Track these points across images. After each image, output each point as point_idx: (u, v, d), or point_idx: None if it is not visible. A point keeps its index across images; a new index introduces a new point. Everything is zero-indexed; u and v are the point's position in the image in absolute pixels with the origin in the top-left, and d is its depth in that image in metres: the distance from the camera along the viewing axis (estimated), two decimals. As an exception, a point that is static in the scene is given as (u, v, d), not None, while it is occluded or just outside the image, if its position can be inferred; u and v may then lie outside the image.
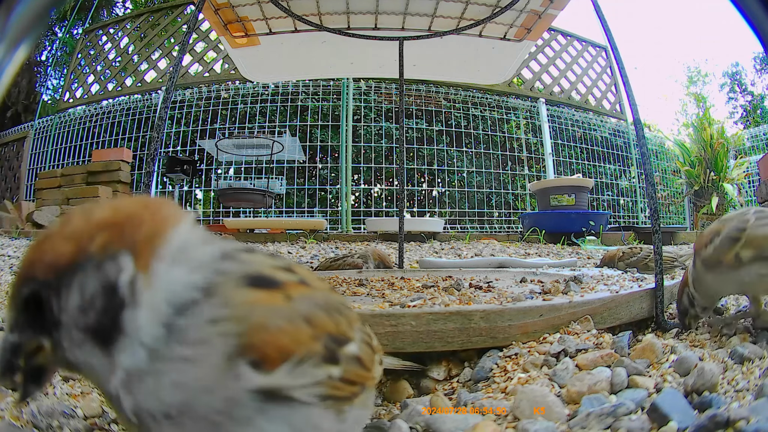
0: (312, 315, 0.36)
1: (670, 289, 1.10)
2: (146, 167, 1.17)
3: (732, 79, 15.41)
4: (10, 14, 0.40)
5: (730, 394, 0.59)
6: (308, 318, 0.36)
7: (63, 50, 10.28)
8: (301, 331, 0.35)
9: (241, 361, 0.32)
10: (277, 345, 0.33)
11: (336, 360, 0.37)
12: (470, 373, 0.75)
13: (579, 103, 7.00)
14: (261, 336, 0.33)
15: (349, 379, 0.38)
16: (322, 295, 0.40)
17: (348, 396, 0.38)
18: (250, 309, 0.33)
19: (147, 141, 6.23)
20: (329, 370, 0.36)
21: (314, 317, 0.36)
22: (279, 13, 1.79)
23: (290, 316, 0.35)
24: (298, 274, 0.39)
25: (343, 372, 0.37)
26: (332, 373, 0.36)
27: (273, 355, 0.33)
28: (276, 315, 0.34)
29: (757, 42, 0.49)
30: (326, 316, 0.38)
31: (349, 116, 6.18)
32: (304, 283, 0.38)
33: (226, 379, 0.32)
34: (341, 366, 0.37)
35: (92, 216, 0.34)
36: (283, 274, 0.38)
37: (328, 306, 0.39)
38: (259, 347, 0.32)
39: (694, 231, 5.40)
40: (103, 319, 0.32)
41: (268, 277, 0.36)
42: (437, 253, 3.31)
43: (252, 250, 0.40)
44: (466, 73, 2.46)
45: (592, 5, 1.21)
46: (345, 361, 0.38)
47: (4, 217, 4.98)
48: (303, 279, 0.39)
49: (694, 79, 16.62)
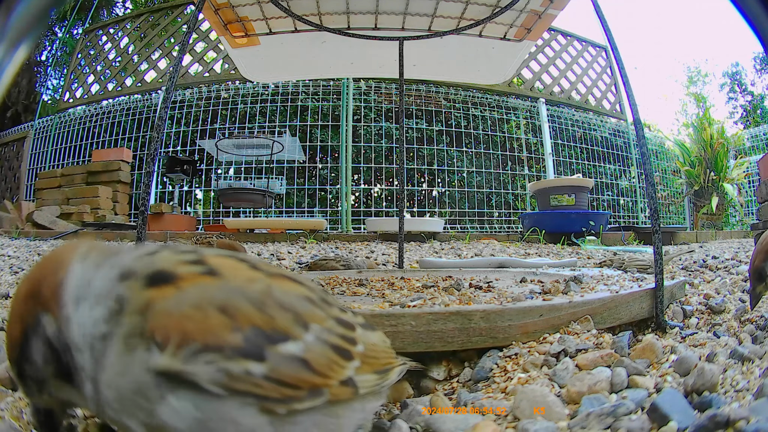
0: (230, 305, 0.36)
1: (670, 289, 1.10)
2: (146, 167, 1.17)
3: (732, 79, 15.42)
4: (10, 14, 0.40)
5: (730, 394, 0.59)
6: (223, 308, 0.36)
7: (63, 50, 10.28)
8: (209, 317, 0.35)
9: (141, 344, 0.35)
10: (178, 328, 0.34)
11: (260, 356, 0.36)
12: (470, 373, 0.75)
13: (579, 103, 7.00)
14: (161, 320, 0.35)
15: (281, 380, 0.36)
16: (256, 286, 0.39)
17: (280, 398, 0.36)
18: (150, 301, 0.36)
19: (147, 141, 6.23)
20: (247, 365, 0.35)
21: (232, 308, 0.36)
22: (279, 13, 1.79)
23: (197, 303, 0.36)
24: (209, 266, 0.39)
25: (269, 370, 0.36)
26: (252, 369, 0.35)
27: (173, 336, 0.34)
28: (180, 302, 0.36)
29: (757, 42, 0.49)
30: (253, 309, 0.37)
31: (349, 116, 6.18)
32: (213, 274, 0.39)
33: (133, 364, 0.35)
34: (267, 364, 0.36)
35: (19, 293, 0.40)
36: (186, 267, 0.39)
37: (262, 299, 0.38)
38: (158, 330, 0.35)
39: (694, 231, 5.40)
40: (59, 364, 0.38)
41: (166, 272, 0.38)
42: (437, 253, 3.31)
43: (155, 251, 0.42)
44: (466, 73, 2.46)
45: (592, 5, 1.21)
46: (276, 359, 0.36)
47: (4, 217, 4.98)
48: (212, 270, 0.39)
49: (694, 79, 16.63)
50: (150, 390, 0.35)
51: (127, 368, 0.35)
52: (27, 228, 4.60)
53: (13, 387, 0.67)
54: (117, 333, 0.36)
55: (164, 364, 0.34)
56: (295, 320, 0.39)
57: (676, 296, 1.17)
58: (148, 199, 1.19)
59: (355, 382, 0.42)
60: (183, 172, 5.55)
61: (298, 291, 0.42)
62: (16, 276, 1.75)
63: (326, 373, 0.39)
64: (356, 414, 0.44)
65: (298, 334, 0.38)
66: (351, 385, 0.42)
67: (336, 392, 0.40)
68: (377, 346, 0.49)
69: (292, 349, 0.37)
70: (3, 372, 0.68)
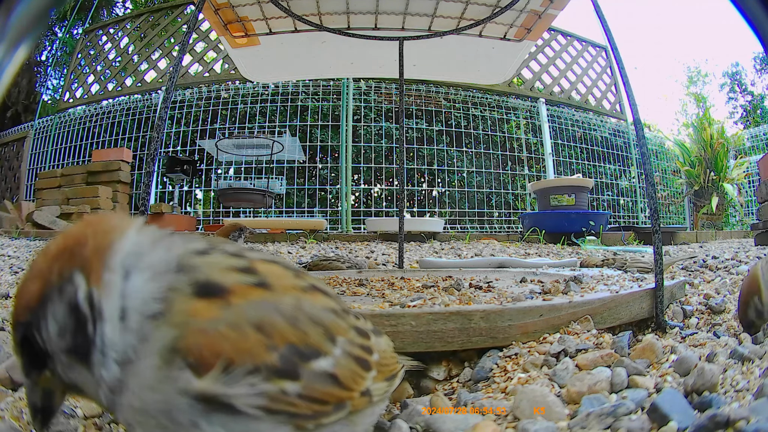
0: (266, 323, 0.35)
1: (670, 289, 1.10)
2: (146, 167, 1.17)
3: (732, 79, 15.42)
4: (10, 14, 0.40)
5: (730, 394, 0.59)
6: (260, 326, 0.34)
7: (63, 50, 10.28)
8: (248, 338, 0.34)
9: (180, 363, 0.32)
10: (215, 350, 0.33)
11: (295, 375, 0.35)
12: (470, 373, 0.75)
13: (579, 103, 7.00)
14: (198, 339, 0.33)
15: (313, 397, 0.36)
16: (290, 300, 0.38)
17: (311, 415, 0.36)
18: (194, 314, 0.34)
19: (147, 141, 6.23)
20: (283, 385, 0.34)
21: (269, 325, 0.35)
22: (279, 13, 1.79)
23: (235, 322, 0.34)
24: (259, 276, 0.37)
25: (303, 388, 0.35)
26: (287, 388, 0.34)
27: (209, 359, 0.32)
28: (218, 321, 0.33)
29: (757, 42, 0.49)
30: (288, 326, 0.36)
31: (349, 116, 6.18)
32: (264, 286, 0.37)
33: (168, 382, 0.32)
34: (301, 382, 0.35)
35: (48, 249, 0.36)
36: (236, 277, 0.36)
37: (296, 314, 0.37)
38: (196, 350, 0.32)
39: (694, 231, 5.40)
40: (77, 337, 0.34)
41: (216, 284, 0.36)
42: (437, 253, 3.31)
43: (206, 250, 0.39)
44: (466, 73, 2.46)
45: (592, 5, 1.21)
46: (309, 377, 0.36)
47: (4, 217, 4.98)
48: (263, 282, 0.37)
49: (694, 79, 16.62)
50: (180, 413, 0.33)
51: (158, 383, 0.33)
52: (27, 228, 4.60)
53: (13, 387, 0.67)
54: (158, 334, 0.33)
55: (201, 387, 0.32)
56: (325, 335, 0.38)
57: (676, 296, 1.17)
58: (148, 199, 1.19)
59: (371, 392, 0.42)
60: (183, 172, 5.55)
61: (325, 303, 0.41)
62: (16, 276, 1.75)
63: (351, 386, 0.39)
64: (368, 419, 0.45)
65: (328, 349, 0.38)
66: (368, 394, 0.42)
67: (356, 403, 0.40)
68: (386, 353, 0.49)
69: (324, 365, 0.37)
70: (3, 372, 0.68)
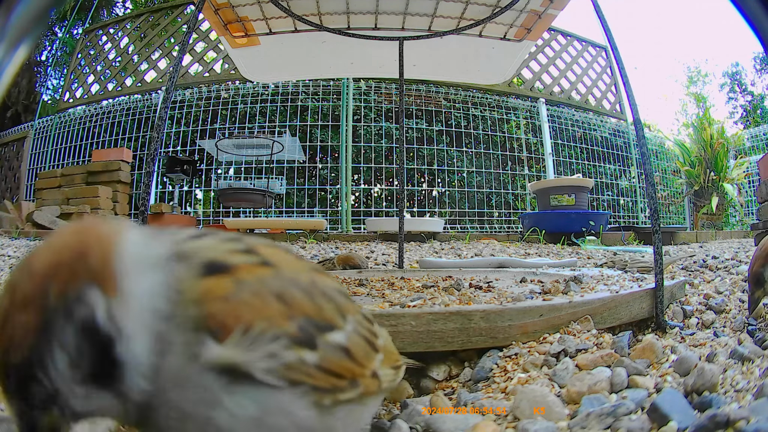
0: (285, 294, 0.36)
1: (670, 289, 1.10)
2: (146, 167, 1.17)
3: (732, 79, 15.42)
4: (10, 14, 0.40)
5: (730, 394, 0.59)
6: (280, 295, 0.35)
7: (63, 50, 10.28)
8: (269, 306, 0.34)
9: (202, 337, 0.32)
10: (235, 314, 0.32)
11: (313, 345, 0.35)
12: (470, 373, 0.75)
13: (579, 103, 6.99)
14: (218, 306, 0.33)
15: (330, 370, 0.36)
16: (304, 276, 0.39)
17: (329, 388, 0.36)
18: (208, 291, 0.33)
19: (147, 141, 6.23)
20: (302, 353, 0.34)
21: (288, 296, 0.36)
22: (279, 13, 1.79)
23: (256, 291, 0.34)
24: (262, 256, 0.38)
25: (320, 359, 0.36)
26: (306, 357, 0.35)
27: (230, 323, 0.32)
28: (238, 290, 0.34)
29: (757, 42, 0.49)
30: (305, 298, 0.37)
31: (349, 116, 6.18)
32: (268, 264, 0.38)
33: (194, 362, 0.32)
34: (319, 352, 0.36)
35: (31, 269, 0.30)
36: (240, 257, 0.37)
37: (310, 289, 0.38)
38: (217, 316, 0.32)
39: (694, 231, 5.40)
40: (99, 362, 0.30)
41: (221, 262, 0.35)
42: (437, 253, 3.31)
43: (200, 234, 0.39)
44: (466, 73, 2.46)
45: (592, 5, 1.21)
46: (325, 348, 0.36)
47: (4, 217, 4.98)
48: (267, 261, 0.38)
49: (694, 79, 16.62)
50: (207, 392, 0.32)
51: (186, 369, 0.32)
52: (27, 228, 4.60)
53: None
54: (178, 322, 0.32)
55: (221, 355, 0.31)
56: (337, 310, 0.39)
57: (676, 296, 1.17)
58: (148, 199, 1.19)
59: (380, 376, 0.43)
60: (183, 172, 5.55)
61: (334, 285, 0.43)
62: (16, 276, 1.75)
63: (363, 362, 0.40)
64: (374, 407, 0.46)
65: (340, 323, 0.39)
66: (377, 377, 0.43)
67: (367, 383, 0.41)
68: (388, 342, 0.51)
69: (338, 338, 0.38)
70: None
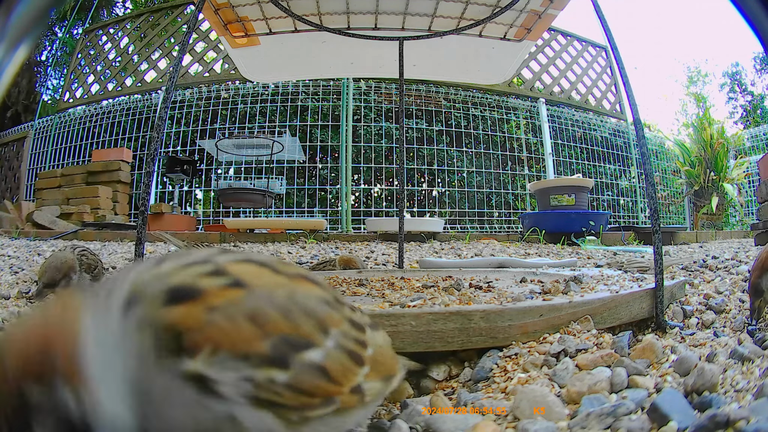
0: (257, 314, 0.35)
1: (670, 289, 1.10)
2: (146, 167, 1.17)
3: (732, 79, 15.42)
4: (10, 14, 0.40)
5: (730, 394, 0.59)
6: (252, 316, 0.35)
7: (63, 50, 10.28)
8: (239, 328, 0.34)
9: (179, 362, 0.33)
10: (206, 335, 0.33)
11: (285, 364, 0.35)
12: (470, 373, 0.75)
13: (579, 103, 7.00)
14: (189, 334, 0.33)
15: (300, 389, 0.36)
16: (281, 292, 0.38)
17: (296, 407, 0.36)
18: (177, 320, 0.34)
19: (147, 141, 6.23)
20: (272, 373, 0.34)
21: (261, 316, 0.35)
22: (279, 13, 1.79)
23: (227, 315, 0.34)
24: (231, 276, 0.37)
25: (291, 379, 0.35)
26: (276, 377, 0.34)
27: (200, 342, 0.33)
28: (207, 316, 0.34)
29: (757, 42, 0.49)
30: (280, 316, 0.36)
31: (349, 116, 6.18)
32: (240, 285, 0.37)
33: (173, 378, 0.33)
34: (290, 372, 0.35)
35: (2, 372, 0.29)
36: (209, 281, 0.36)
37: (287, 305, 0.37)
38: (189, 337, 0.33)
39: (694, 231, 5.40)
40: None
41: (188, 287, 0.35)
42: (437, 253, 3.31)
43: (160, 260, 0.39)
44: (466, 73, 2.46)
45: (592, 5, 1.21)
46: (299, 367, 0.36)
47: (4, 217, 4.98)
48: (238, 280, 0.37)
49: (694, 79, 16.63)
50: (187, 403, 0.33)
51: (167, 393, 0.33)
52: (27, 228, 4.60)
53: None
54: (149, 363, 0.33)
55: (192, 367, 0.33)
56: (317, 326, 0.39)
57: (676, 296, 1.17)
58: (148, 199, 1.19)
59: (363, 390, 0.42)
60: (183, 172, 5.55)
61: (317, 293, 0.42)
62: (16, 276, 1.75)
63: (340, 380, 0.39)
64: (358, 417, 0.44)
65: (319, 340, 0.38)
66: (359, 392, 0.41)
67: (345, 400, 0.39)
68: (383, 349, 0.49)
69: (314, 356, 0.37)
70: None
